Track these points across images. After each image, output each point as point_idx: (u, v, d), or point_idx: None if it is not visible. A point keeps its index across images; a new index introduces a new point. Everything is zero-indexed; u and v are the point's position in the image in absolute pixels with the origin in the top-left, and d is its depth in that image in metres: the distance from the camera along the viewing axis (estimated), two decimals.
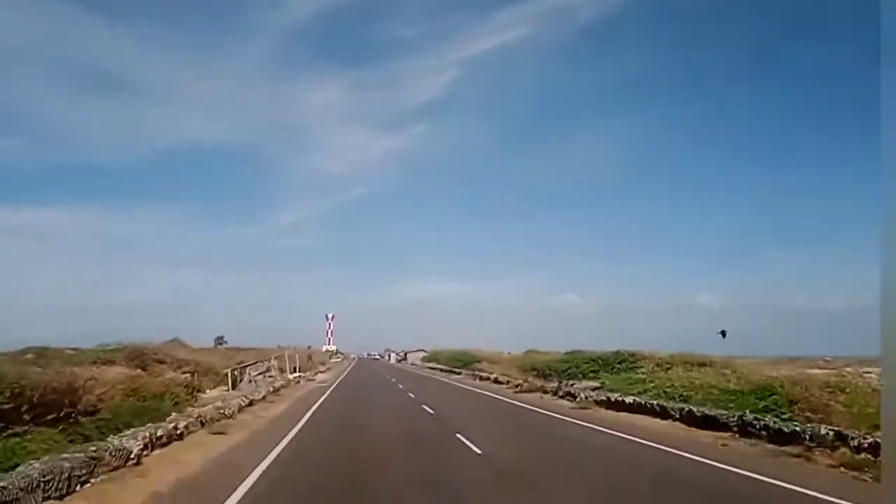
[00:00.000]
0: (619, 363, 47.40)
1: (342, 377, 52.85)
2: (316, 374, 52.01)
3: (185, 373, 30.63)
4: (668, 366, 28.73)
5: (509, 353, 61.54)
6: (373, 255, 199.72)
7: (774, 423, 13.57)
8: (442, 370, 63.36)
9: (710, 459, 11.77)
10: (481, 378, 44.93)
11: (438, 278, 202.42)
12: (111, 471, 9.49)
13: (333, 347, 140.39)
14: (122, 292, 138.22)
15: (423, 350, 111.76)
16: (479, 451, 12.89)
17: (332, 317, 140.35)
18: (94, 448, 9.46)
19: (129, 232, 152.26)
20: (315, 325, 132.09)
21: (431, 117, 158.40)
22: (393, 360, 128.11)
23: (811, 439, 12.04)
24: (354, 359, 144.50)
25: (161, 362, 32.66)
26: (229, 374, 33.47)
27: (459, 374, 53.41)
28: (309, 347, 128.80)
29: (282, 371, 42.93)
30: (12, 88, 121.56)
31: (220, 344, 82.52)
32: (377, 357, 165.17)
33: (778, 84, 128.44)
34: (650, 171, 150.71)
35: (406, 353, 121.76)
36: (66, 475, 8.10)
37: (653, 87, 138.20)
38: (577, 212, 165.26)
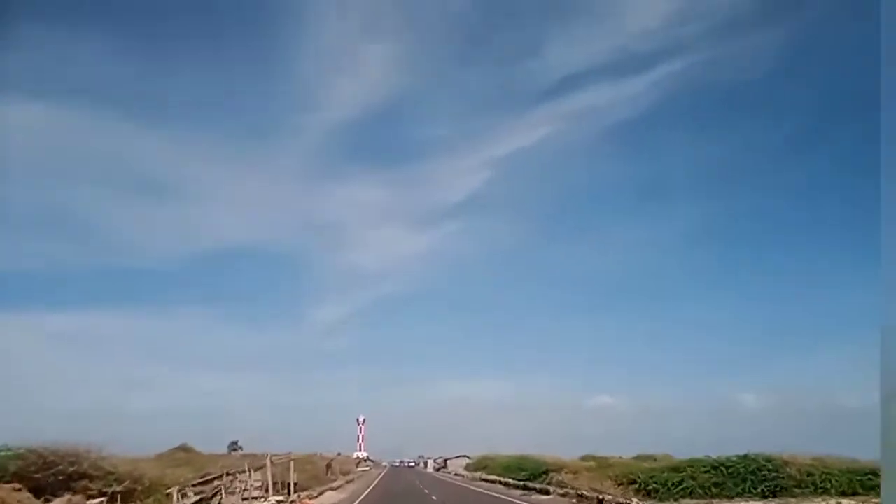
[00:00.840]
0: (753, 472, 32.98)
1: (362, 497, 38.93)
2: (323, 492, 37.83)
3: (91, 497, 18.74)
4: None
5: (582, 460, 47.00)
6: (405, 354, 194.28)
7: None
8: (504, 484, 47.12)
9: None
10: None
11: (473, 378, 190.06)
12: None
13: (365, 454, 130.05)
14: (152, 397, 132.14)
15: (465, 456, 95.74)
16: None
17: (363, 420, 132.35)
18: None
19: (167, 335, 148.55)
20: (346, 429, 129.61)
21: (464, 215, 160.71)
22: (430, 469, 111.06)
23: None
24: (386, 466, 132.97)
25: (80, 477, 21.23)
26: (175, 497, 20.99)
27: (544, 493, 36.13)
28: (338, 454, 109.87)
29: (266, 489, 29.86)
30: (58, 193, 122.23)
31: (235, 450, 72.94)
32: (412, 464, 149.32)
33: (806, 181, 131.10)
34: (676, 269, 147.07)
35: (446, 461, 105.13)
36: None
37: (680, 186, 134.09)
38: (607, 310, 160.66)
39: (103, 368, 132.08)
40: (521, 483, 42.00)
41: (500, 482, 48.18)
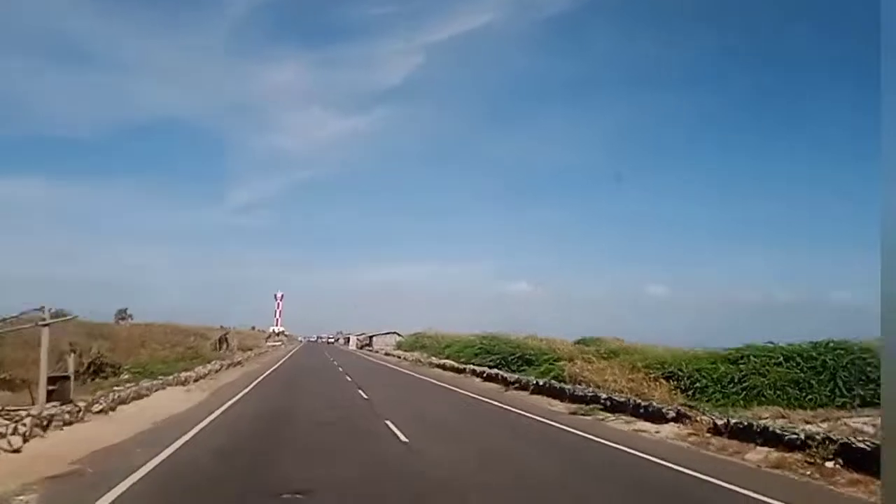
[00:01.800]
0: (847, 367, 21.14)
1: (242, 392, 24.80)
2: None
3: None
4: None
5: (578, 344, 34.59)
6: (332, 238, 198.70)
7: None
8: (489, 378, 29.38)
9: None
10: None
11: (399, 263, 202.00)
12: None
13: (280, 329, 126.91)
14: (65, 266, 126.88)
15: (395, 333, 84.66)
16: None
17: (282, 296, 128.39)
18: None
19: (81, 206, 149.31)
20: (264, 306, 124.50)
21: (397, 101, 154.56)
22: (353, 347, 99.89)
23: None
24: (302, 342, 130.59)
25: None
26: None
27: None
28: (253, 328, 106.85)
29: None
30: None
31: (123, 319, 64.14)
32: (330, 340, 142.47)
33: (754, 76, 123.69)
34: (612, 160, 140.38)
35: (371, 338, 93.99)
36: None
37: (618, 79, 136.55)
38: (538, 198, 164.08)
39: (20, 236, 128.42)
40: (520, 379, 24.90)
41: (477, 372, 31.83)
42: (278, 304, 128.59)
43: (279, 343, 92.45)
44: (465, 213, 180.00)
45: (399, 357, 55.70)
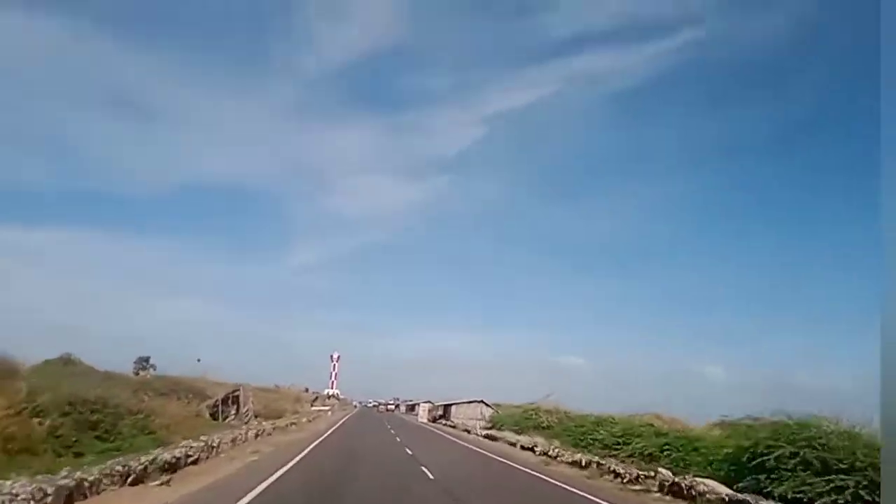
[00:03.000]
0: None
1: None
2: None
3: None
4: None
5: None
6: (382, 302, 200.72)
7: None
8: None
9: None
10: None
11: (450, 330, 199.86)
12: None
13: (336, 391, 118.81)
14: (128, 321, 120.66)
15: (482, 403, 62.68)
16: None
17: (338, 357, 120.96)
18: None
19: (142, 263, 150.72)
20: (318, 367, 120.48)
21: (454, 170, 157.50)
22: (422, 418, 77.74)
23: None
24: (356, 407, 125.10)
25: None
26: None
27: None
28: (306, 390, 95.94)
29: None
30: (41, 111, 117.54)
31: (143, 369, 51.38)
32: (389, 407, 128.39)
33: (803, 159, 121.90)
34: (666, 237, 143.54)
35: (448, 407, 71.71)
36: None
37: (671, 159, 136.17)
38: (591, 272, 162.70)
39: (74, 287, 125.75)
40: None
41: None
42: (334, 364, 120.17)
43: (327, 409, 71.72)
44: (518, 282, 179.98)
45: (511, 444, 33.36)
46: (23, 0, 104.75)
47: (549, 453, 26.13)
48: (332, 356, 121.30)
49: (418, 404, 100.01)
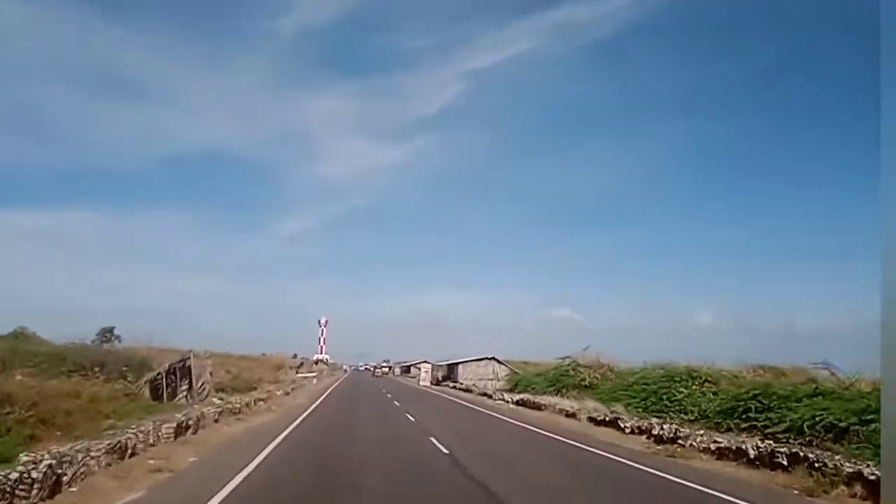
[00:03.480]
0: None
1: None
2: None
3: None
4: None
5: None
6: (371, 266, 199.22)
7: None
8: None
9: None
10: None
11: (442, 291, 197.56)
12: None
13: (325, 356, 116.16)
14: (114, 295, 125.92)
15: (495, 360, 54.05)
16: None
17: (325, 322, 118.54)
18: None
19: (129, 236, 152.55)
20: (308, 334, 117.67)
21: (436, 129, 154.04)
22: (424, 381, 69.14)
23: None
24: (347, 371, 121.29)
25: None
26: None
27: None
28: (294, 356, 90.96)
29: None
30: (25, 89, 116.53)
31: (107, 341, 45.02)
32: (383, 368, 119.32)
33: (787, 102, 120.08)
34: (654, 187, 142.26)
35: (454, 367, 63.19)
36: None
37: (658, 106, 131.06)
38: (579, 226, 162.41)
39: (64, 265, 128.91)
40: None
41: None
42: (322, 329, 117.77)
43: (314, 375, 62.70)
44: (506, 239, 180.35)
45: (570, 414, 24.15)
46: None
47: (655, 430, 16.99)
48: (319, 321, 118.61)
49: (415, 365, 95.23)
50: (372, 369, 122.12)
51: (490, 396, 36.84)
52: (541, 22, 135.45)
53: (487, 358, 55.28)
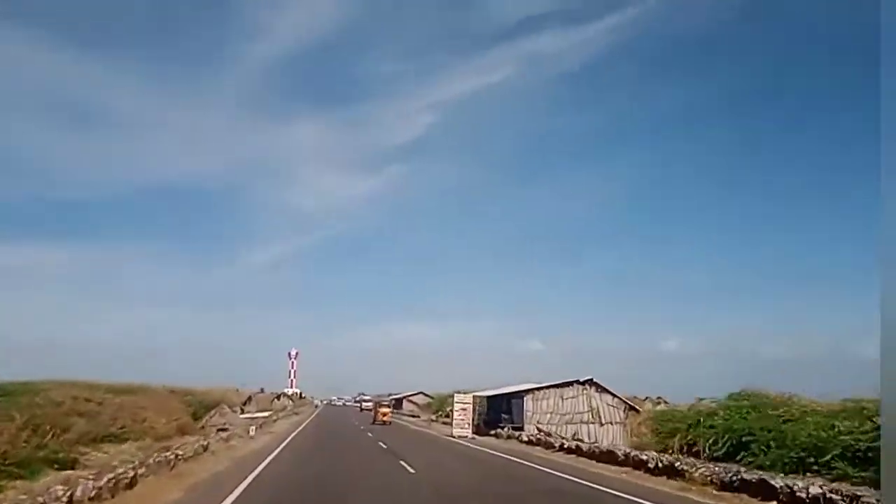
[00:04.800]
0: None
1: None
2: None
3: None
4: None
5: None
6: (344, 298, 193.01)
7: None
8: None
9: None
10: None
11: (414, 322, 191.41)
12: None
13: (296, 389, 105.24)
14: (76, 330, 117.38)
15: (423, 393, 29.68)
16: None
17: (296, 354, 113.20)
18: None
19: (99, 269, 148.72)
20: (279, 365, 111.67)
21: (409, 159, 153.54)
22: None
23: None
24: (318, 406, 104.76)
25: None
26: None
27: None
28: (261, 390, 73.46)
29: None
30: None
31: None
32: (366, 402, 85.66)
33: (767, 128, 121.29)
34: (625, 216, 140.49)
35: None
36: None
37: (629, 133, 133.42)
38: (552, 257, 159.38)
39: (26, 302, 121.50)
40: None
41: None
42: (292, 362, 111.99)
43: (263, 415, 36.89)
44: (478, 269, 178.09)
45: None
46: None
47: None
48: (289, 353, 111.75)
49: (407, 398, 74.34)
50: (358, 403, 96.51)
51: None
52: (512, 52, 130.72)
53: (579, 382, 29.66)
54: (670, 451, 18.39)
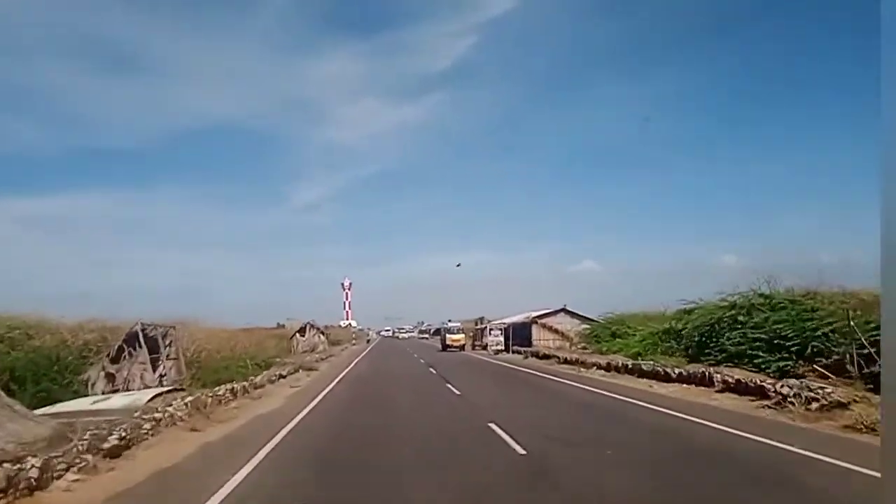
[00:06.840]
0: None
1: None
2: None
3: None
4: None
5: None
6: (391, 231, 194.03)
7: None
8: None
9: None
10: None
11: (464, 251, 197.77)
12: None
13: (353, 322, 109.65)
14: (130, 276, 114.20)
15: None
16: None
17: (349, 285, 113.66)
18: None
19: (142, 215, 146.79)
20: (333, 299, 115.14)
21: (448, 85, 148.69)
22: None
23: None
24: (376, 338, 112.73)
25: None
26: None
27: None
28: (279, 325, 76.66)
29: None
30: (23, 68, 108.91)
31: None
32: (454, 335, 57.75)
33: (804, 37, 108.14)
34: (672, 127, 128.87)
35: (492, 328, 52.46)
36: None
37: (674, 41, 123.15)
38: (601, 176, 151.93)
39: (77, 251, 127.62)
40: None
41: None
42: (346, 293, 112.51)
43: (317, 355, 43.31)
44: (526, 194, 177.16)
45: None
46: None
47: None
48: (343, 284, 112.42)
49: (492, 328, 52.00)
50: (441, 335, 62.51)
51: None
52: None
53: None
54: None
